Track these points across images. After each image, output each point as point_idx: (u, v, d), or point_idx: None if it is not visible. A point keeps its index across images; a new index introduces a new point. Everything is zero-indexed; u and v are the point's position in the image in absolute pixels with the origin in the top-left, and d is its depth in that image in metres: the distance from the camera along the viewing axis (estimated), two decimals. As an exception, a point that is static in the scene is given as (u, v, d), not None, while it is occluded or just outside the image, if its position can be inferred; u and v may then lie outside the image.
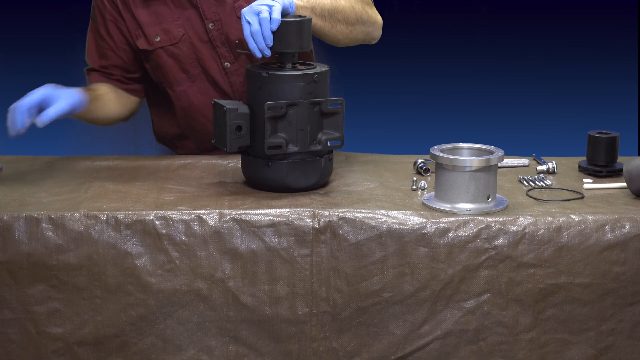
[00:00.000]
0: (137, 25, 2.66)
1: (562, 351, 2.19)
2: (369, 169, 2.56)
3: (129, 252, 2.16)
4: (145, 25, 2.66)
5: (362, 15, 2.58)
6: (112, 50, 2.71)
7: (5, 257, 2.15)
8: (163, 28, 2.65)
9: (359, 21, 2.57)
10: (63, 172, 2.53)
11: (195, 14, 2.65)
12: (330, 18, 2.51)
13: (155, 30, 2.65)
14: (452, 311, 2.18)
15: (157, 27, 2.65)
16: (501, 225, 2.17)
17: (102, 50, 2.72)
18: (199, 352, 2.19)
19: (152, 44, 2.66)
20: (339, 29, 2.54)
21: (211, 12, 2.64)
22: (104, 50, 2.72)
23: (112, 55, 2.71)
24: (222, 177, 2.48)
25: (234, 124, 2.29)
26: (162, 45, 2.66)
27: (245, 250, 2.17)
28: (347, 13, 2.54)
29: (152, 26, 2.65)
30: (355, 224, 2.18)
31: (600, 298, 2.17)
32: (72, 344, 2.18)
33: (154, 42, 2.66)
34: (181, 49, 2.65)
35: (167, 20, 2.65)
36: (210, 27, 2.64)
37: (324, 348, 2.20)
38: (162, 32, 2.65)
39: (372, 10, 2.62)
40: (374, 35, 2.65)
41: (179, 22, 2.65)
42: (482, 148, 2.28)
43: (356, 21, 2.56)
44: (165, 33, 2.65)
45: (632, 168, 2.32)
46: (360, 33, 2.59)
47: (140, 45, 2.67)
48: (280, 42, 2.30)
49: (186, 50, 2.65)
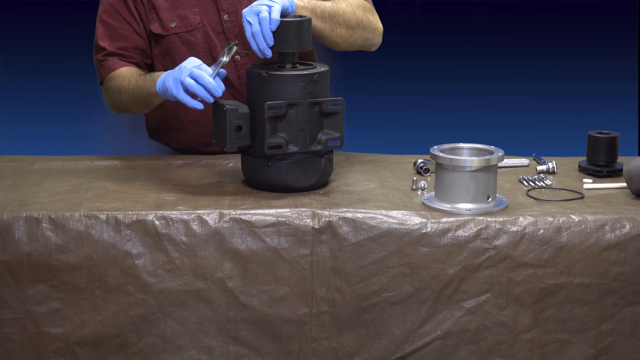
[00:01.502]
0: (152, 8, 2.65)
1: (562, 351, 2.19)
2: (369, 169, 2.56)
3: (129, 252, 2.16)
4: (161, 10, 2.65)
5: (363, 20, 2.58)
6: (134, 32, 2.65)
7: (5, 257, 2.15)
8: (179, 14, 2.65)
9: (360, 26, 2.57)
10: (63, 172, 2.53)
11: (212, 4, 2.65)
12: (330, 20, 2.51)
13: (171, 15, 2.65)
14: (452, 311, 2.18)
15: (173, 12, 2.65)
16: (501, 225, 2.17)
17: (119, 32, 2.65)
18: (199, 352, 2.19)
19: (167, 29, 2.65)
20: (339, 32, 2.54)
21: (227, 4, 2.65)
22: (123, 32, 2.65)
23: (133, 37, 2.65)
24: (222, 177, 2.48)
25: (234, 124, 2.29)
26: (177, 31, 2.65)
27: (245, 250, 2.17)
28: (347, 17, 2.54)
29: (168, 11, 2.65)
30: (355, 224, 2.18)
31: (600, 298, 2.17)
32: (72, 344, 2.18)
33: (168, 27, 2.65)
34: (196, 37, 2.65)
35: (183, 7, 2.65)
36: (226, 18, 2.65)
37: (324, 348, 2.20)
38: (178, 18, 2.64)
39: (373, 17, 2.63)
40: (374, 42, 2.65)
41: (195, 10, 2.65)
42: (482, 148, 2.28)
43: (357, 26, 2.57)
44: (181, 19, 2.65)
45: (632, 168, 2.32)
46: (360, 38, 2.60)
47: (154, 30, 2.65)
48: (280, 42, 2.30)
49: (200, 38, 2.66)
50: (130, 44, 2.66)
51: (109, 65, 2.67)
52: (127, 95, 2.58)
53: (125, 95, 2.59)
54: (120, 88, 2.60)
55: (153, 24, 2.66)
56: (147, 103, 2.55)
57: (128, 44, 2.66)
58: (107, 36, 2.67)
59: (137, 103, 2.58)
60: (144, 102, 2.56)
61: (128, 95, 2.58)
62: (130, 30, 2.66)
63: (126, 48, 2.67)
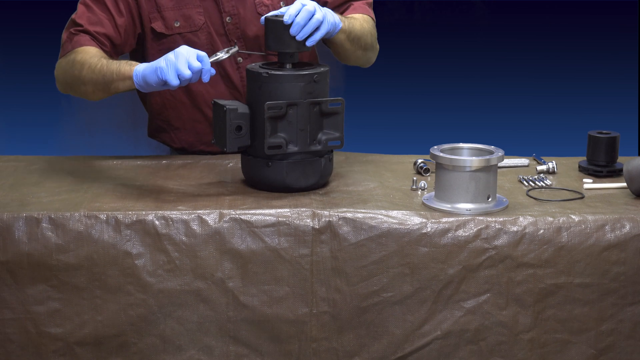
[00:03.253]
0: (155, 6, 2.65)
1: (562, 351, 2.19)
2: (369, 169, 2.56)
3: (129, 252, 2.16)
4: (164, 9, 2.64)
5: (374, 44, 2.70)
6: (113, 25, 2.61)
7: (5, 257, 2.15)
8: (184, 14, 2.65)
9: (369, 48, 2.67)
10: (63, 172, 2.53)
11: (214, 6, 2.65)
12: (356, 43, 2.60)
13: (175, 14, 2.64)
14: (452, 311, 2.18)
15: (178, 11, 2.65)
16: (501, 225, 2.17)
17: (99, 18, 2.60)
18: (199, 352, 2.19)
19: (171, 28, 2.65)
20: (358, 53, 2.64)
21: (230, 6, 2.65)
22: (102, 19, 2.60)
23: (111, 28, 2.61)
24: (222, 177, 2.48)
25: (234, 124, 2.29)
26: (180, 31, 2.65)
27: (245, 250, 2.17)
28: (367, 40, 2.64)
29: (172, 10, 2.64)
30: (355, 224, 2.18)
31: (600, 298, 2.17)
32: (72, 344, 2.18)
33: (172, 26, 2.65)
34: (199, 38, 2.65)
35: (188, 6, 2.65)
36: (228, 20, 2.65)
37: (324, 348, 2.20)
38: (182, 18, 2.65)
39: (373, 38, 2.71)
40: (371, 61, 2.76)
41: (200, 10, 2.65)
42: (482, 148, 2.28)
43: (369, 48, 2.67)
44: (185, 19, 2.65)
45: (632, 168, 2.32)
46: (366, 58, 2.70)
47: (157, 28, 2.65)
48: (280, 42, 2.30)
49: (204, 39, 2.66)
50: (107, 31, 2.60)
51: (79, 40, 2.59)
52: (91, 72, 2.48)
53: (88, 71, 2.49)
54: (85, 62, 2.51)
55: (155, 22, 2.65)
56: (109, 87, 2.46)
57: (105, 31, 2.60)
58: (86, 18, 2.60)
59: (97, 83, 2.48)
60: (105, 85, 2.46)
61: (92, 72, 2.48)
62: (109, 20, 2.60)
63: (101, 33, 2.60)
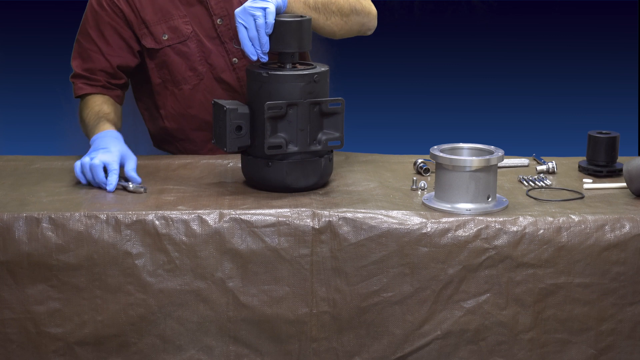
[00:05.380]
0: (142, 23, 2.65)
1: (562, 351, 2.19)
2: (369, 169, 2.56)
3: (129, 252, 2.16)
4: (151, 24, 2.65)
5: (356, 5, 2.59)
6: (101, 54, 2.68)
7: (5, 257, 2.15)
8: (170, 26, 2.65)
9: (353, 12, 2.58)
10: (63, 172, 2.53)
11: (203, 10, 2.65)
12: (324, 10, 2.51)
13: (162, 28, 2.65)
14: (452, 311, 2.18)
15: (164, 24, 2.65)
16: (501, 225, 2.17)
17: (88, 53, 2.69)
18: (199, 352, 2.19)
19: (160, 42, 2.66)
20: (333, 20, 2.54)
21: (219, 8, 2.65)
22: (90, 54, 2.69)
23: (100, 60, 2.68)
24: (222, 177, 2.48)
25: (234, 124, 2.29)
26: (170, 43, 2.65)
27: (245, 250, 2.17)
28: (340, 4, 2.54)
29: (159, 24, 2.65)
30: (355, 224, 2.18)
31: (600, 298, 2.17)
32: (72, 344, 2.18)
33: (161, 40, 2.65)
34: (189, 47, 2.66)
35: (174, 18, 2.65)
36: (219, 22, 2.65)
37: (324, 348, 2.19)
38: (169, 30, 2.65)
39: (365, 1, 2.63)
40: (369, 26, 2.66)
41: (186, 19, 2.65)
42: (482, 148, 2.28)
43: (350, 12, 2.57)
44: (172, 31, 2.65)
45: (632, 168, 2.32)
46: (356, 24, 2.60)
47: (147, 45, 2.66)
48: (280, 42, 2.30)
49: (194, 47, 2.66)
50: (96, 65, 2.69)
51: (75, 89, 2.73)
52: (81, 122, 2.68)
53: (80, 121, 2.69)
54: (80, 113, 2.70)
55: (145, 39, 2.66)
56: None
57: (94, 65, 2.69)
58: (78, 55, 2.72)
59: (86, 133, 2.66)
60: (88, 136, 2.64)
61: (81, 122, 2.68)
62: (97, 52, 2.68)
63: (92, 70, 2.70)
